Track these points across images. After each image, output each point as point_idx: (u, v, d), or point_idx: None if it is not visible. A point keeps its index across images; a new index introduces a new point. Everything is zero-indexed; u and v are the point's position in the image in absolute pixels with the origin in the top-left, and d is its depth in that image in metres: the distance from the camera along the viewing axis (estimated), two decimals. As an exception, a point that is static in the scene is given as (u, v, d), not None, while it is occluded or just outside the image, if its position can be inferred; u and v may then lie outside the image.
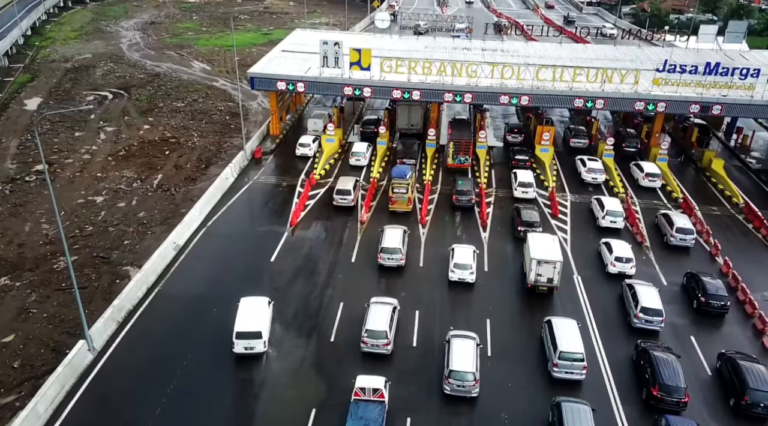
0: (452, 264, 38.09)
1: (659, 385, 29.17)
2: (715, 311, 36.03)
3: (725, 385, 31.02)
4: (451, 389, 29.70)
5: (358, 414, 27.16)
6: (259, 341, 31.74)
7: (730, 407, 30.08)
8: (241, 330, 31.71)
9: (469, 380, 29.45)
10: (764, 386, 29.28)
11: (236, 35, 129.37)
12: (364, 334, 31.93)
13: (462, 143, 52.56)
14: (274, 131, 58.57)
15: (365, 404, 27.65)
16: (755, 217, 45.63)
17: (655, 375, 29.58)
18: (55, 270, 47.18)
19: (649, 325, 34.28)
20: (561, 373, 30.74)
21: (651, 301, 34.41)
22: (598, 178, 51.53)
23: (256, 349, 31.80)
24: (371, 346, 31.89)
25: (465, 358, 30.05)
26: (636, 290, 35.35)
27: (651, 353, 30.82)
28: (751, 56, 61.98)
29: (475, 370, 29.71)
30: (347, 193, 45.94)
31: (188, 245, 42.30)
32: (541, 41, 71.34)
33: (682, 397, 29.06)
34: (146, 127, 75.78)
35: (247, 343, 31.73)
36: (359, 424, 26.68)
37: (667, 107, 50.11)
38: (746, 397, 29.13)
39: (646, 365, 30.63)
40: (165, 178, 62.29)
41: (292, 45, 61.85)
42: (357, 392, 28.18)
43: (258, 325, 31.96)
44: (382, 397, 28.07)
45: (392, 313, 33.13)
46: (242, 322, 32.02)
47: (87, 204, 56.74)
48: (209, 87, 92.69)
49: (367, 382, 28.34)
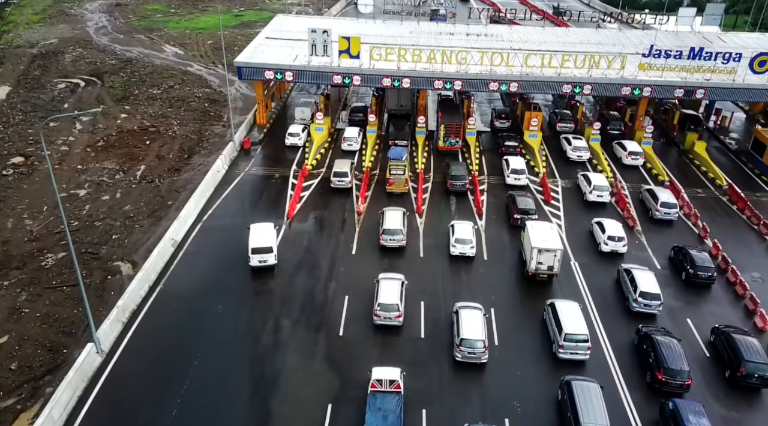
0: (453, 239, 40.04)
1: (664, 370, 30.23)
2: (702, 282, 38.00)
3: (719, 359, 32.55)
4: (462, 356, 31.48)
5: (376, 405, 27.73)
6: (270, 255, 38.01)
7: (725, 379, 31.60)
8: (256, 246, 37.84)
9: (479, 347, 31.24)
10: (758, 358, 30.91)
11: (206, 17, 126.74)
12: (377, 307, 33.48)
13: (453, 126, 53.68)
14: (261, 120, 57.88)
15: (382, 395, 28.26)
16: (738, 199, 47.07)
17: (659, 359, 30.62)
18: (44, 267, 46.19)
19: (647, 309, 35.49)
20: (566, 354, 31.85)
21: (649, 286, 35.66)
22: (582, 156, 53.21)
23: (269, 262, 38.05)
24: (384, 318, 33.58)
25: (474, 326, 31.89)
26: (634, 275, 36.51)
27: (654, 338, 31.84)
28: (728, 38, 63.27)
29: (484, 337, 31.40)
30: (344, 175, 47.20)
31: (186, 241, 41.86)
32: (524, 25, 71.40)
33: (686, 380, 30.16)
34: (123, 115, 73.99)
35: (261, 257, 37.90)
36: (378, 415, 27.27)
37: (653, 92, 51.08)
38: (741, 368, 30.66)
39: (649, 350, 31.66)
40: (148, 169, 61.16)
41: (276, 32, 60.87)
42: (374, 384, 28.80)
43: (269, 242, 38.23)
44: (398, 387, 28.74)
45: (401, 287, 34.80)
46: (255, 241, 38.12)
47: (70, 198, 55.44)
48: (184, 72, 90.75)
49: (383, 374, 29.05)
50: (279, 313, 35.22)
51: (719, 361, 32.56)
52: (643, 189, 48.03)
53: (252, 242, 38.14)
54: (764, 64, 48.88)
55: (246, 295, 36.71)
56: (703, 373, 32.18)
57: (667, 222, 44.88)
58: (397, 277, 36.04)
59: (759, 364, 30.65)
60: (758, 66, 49.02)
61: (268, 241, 38.34)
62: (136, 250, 48.19)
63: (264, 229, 39.42)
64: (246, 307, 35.66)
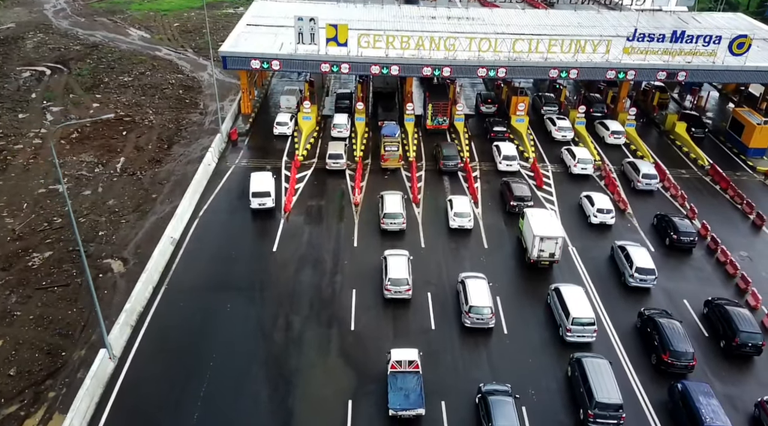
0: (452, 213, 42.11)
1: (670, 352, 31.41)
2: (685, 246, 41.00)
3: (713, 330, 34.55)
4: (471, 322, 33.60)
5: (397, 385, 28.88)
6: (268, 198, 42.97)
7: (720, 349, 33.46)
8: (256, 190, 42.86)
9: (486, 313, 33.38)
10: (751, 328, 32.92)
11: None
12: (387, 282, 35.13)
13: (440, 105, 55.13)
14: (246, 109, 56.90)
15: (403, 375, 29.36)
16: (721, 179, 48.65)
17: (665, 342, 31.80)
18: (31, 268, 45.17)
19: (643, 284, 37.28)
20: (574, 337, 32.97)
21: (644, 262, 37.40)
22: (567, 136, 54.94)
23: (267, 204, 42.95)
24: (394, 292, 35.25)
25: (481, 294, 33.99)
26: (629, 252, 38.17)
27: (657, 321, 33.05)
28: (702, 19, 64.66)
29: (490, 304, 33.57)
30: (339, 157, 48.50)
31: (184, 238, 41.22)
32: (504, 7, 71.50)
33: (691, 361, 31.44)
34: (95, 105, 71.90)
35: (260, 200, 42.78)
36: (400, 394, 28.52)
37: (636, 75, 52.05)
38: (737, 339, 32.58)
39: (653, 333, 32.82)
40: (128, 161, 59.85)
41: (256, 18, 59.58)
42: (393, 365, 29.85)
43: (267, 187, 43.28)
44: (417, 367, 29.81)
45: (408, 262, 36.56)
46: (255, 186, 43.21)
47: (50, 194, 54.02)
48: (153, 57, 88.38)
49: (402, 355, 30.13)
50: (288, 309, 35.15)
51: (711, 331, 34.58)
52: (625, 162, 50.43)
53: (252, 187, 43.10)
54: (742, 46, 50.22)
55: (252, 292, 36.46)
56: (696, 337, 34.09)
57: (648, 192, 47.58)
58: (402, 253, 37.54)
59: (752, 334, 32.66)
60: (737, 48, 50.35)
61: (267, 187, 43.26)
62: (125, 246, 47.40)
63: (263, 176, 44.41)
64: (254, 305, 35.48)
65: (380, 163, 49.29)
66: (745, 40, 50.11)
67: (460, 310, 34.57)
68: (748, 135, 52.12)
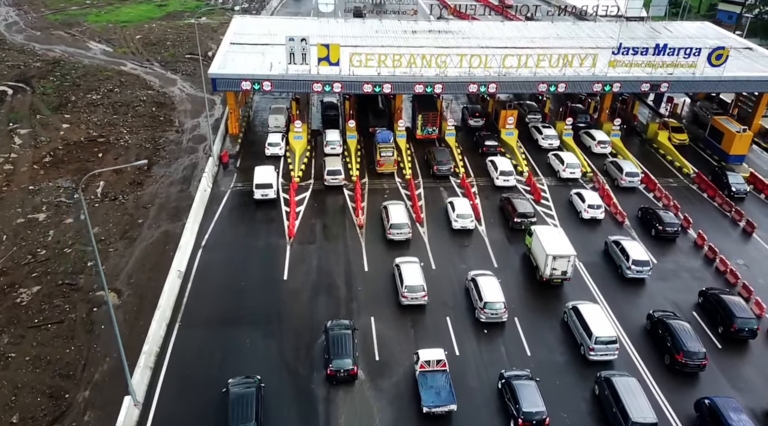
0: (455, 215, 43.99)
1: (683, 352, 32.97)
2: (670, 236, 43.90)
3: (709, 317, 37.11)
4: (486, 317, 35.57)
5: (428, 384, 30.37)
6: (270, 190, 46.33)
7: (719, 334, 35.91)
8: (259, 182, 46.39)
9: (500, 308, 35.46)
10: (746, 314, 35.74)
11: (128, 9, 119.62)
12: (404, 289, 36.31)
13: (429, 116, 56.25)
14: (233, 130, 55.68)
15: (432, 374, 30.86)
16: (708, 187, 50.31)
17: (677, 343, 33.43)
18: (20, 305, 43.25)
19: (639, 275, 39.72)
20: (597, 355, 33.52)
21: (639, 254, 40.02)
22: (553, 144, 56.67)
23: (269, 195, 46.34)
24: (411, 299, 36.42)
25: (493, 291, 36.09)
26: (623, 246, 40.70)
27: (668, 323, 34.76)
28: (673, 28, 66.77)
29: (503, 299, 35.61)
30: (338, 173, 48.92)
31: (191, 271, 40.02)
32: (483, 20, 72.20)
33: (703, 360, 32.98)
34: (65, 125, 69.32)
35: (263, 192, 46.18)
36: (431, 392, 29.98)
37: (622, 87, 53.34)
38: (734, 324, 35.15)
39: (665, 334, 34.41)
40: (108, 185, 57.93)
41: (239, 35, 58.40)
42: (422, 365, 31.26)
43: (270, 179, 46.73)
44: (444, 366, 31.28)
45: (421, 269, 37.85)
46: (259, 178, 46.78)
47: (30, 223, 51.81)
48: (120, 73, 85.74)
49: (430, 355, 31.59)
50: (309, 340, 34.52)
51: (708, 319, 37.19)
52: (608, 161, 53.34)
53: (256, 179, 46.58)
54: (720, 57, 52.07)
55: (269, 325, 35.67)
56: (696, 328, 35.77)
57: (631, 189, 50.52)
58: (413, 259, 39.01)
59: (747, 319, 35.45)
60: (715, 59, 52.18)
61: (269, 179, 46.63)
62: (117, 277, 45.86)
63: (266, 170, 47.85)
64: (274, 338, 34.71)
65: (376, 169, 51.23)
66: (723, 52, 51.99)
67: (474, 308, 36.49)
68: (728, 142, 54.09)
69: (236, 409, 28.35)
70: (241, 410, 28.25)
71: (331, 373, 31.32)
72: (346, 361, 31.33)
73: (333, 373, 31.31)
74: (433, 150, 52.77)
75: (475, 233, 44.36)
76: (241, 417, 27.98)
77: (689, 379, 33.10)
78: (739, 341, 35.58)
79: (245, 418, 27.93)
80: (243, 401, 28.65)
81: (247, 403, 28.58)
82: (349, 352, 31.60)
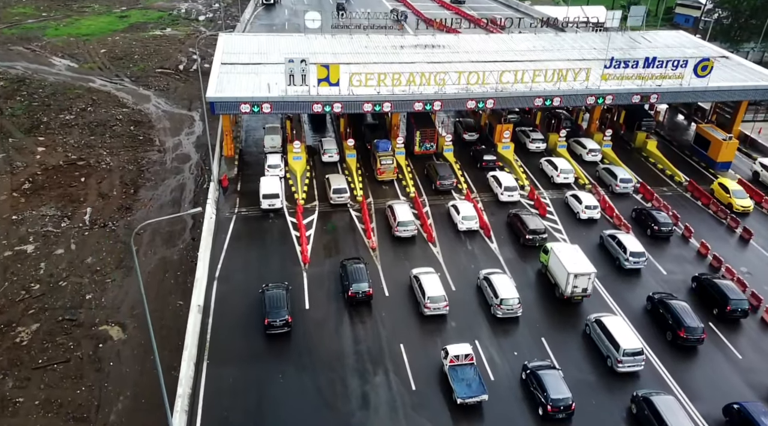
0: (460, 217, 45.93)
1: (685, 329, 36.25)
2: (664, 235, 46.58)
3: (703, 301, 40.11)
4: (502, 313, 37.68)
5: (459, 377, 32.48)
6: (277, 200, 47.59)
7: (714, 315, 39.00)
8: (266, 193, 47.54)
9: (515, 304, 37.69)
10: (739, 296, 39.00)
11: (88, 21, 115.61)
12: (427, 301, 37.45)
13: (427, 132, 56.79)
14: (229, 152, 54.47)
15: (461, 368, 32.99)
16: (701, 194, 51.94)
17: (679, 321, 36.67)
18: (20, 345, 41.51)
19: (636, 265, 42.82)
20: (625, 367, 34.46)
21: (636, 247, 43.14)
22: (540, 147, 59.21)
23: (276, 205, 47.55)
24: (433, 309, 37.64)
25: (507, 288, 38.28)
26: (620, 239, 43.82)
27: (668, 303, 37.93)
28: (650, 37, 68.68)
29: (517, 295, 37.79)
30: (344, 192, 49.46)
31: (209, 305, 38.91)
32: (467, 33, 72.65)
33: (701, 335, 36.42)
34: (41, 149, 66.64)
35: (270, 201, 47.39)
36: (463, 384, 32.10)
37: (614, 99, 54.55)
38: (729, 306, 38.34)
39: (666, 314, 37.57)
40: (95, 212, 56.04)
41: (228, 55, 57.10)
42: (452, 360, 33.18)
43: (276, 190, 47.85)
44: (471, 360, 33.38)
45: (439, 279, 39.35)
46: (265, 189, 47.88)
47: (18, 256, 49.67)
48: (90, 90, 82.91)
49: (458, 350, 33.48)
50: (342, 373, 34.05)
51: (702, 302, 40.22)
52: (600, 168, 55.29)
53: (263, 190, 47.75)
54: (706, 68, 53.84)
55: (299, 357, 35.01)
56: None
57: (625, 195, 52.71)
58: (429, 270, 40.52)
59: (740, 301, 38.68)
60: (701, 70, 53.91)
61: (275, 189, 47.88)
62: (118, 309, 44.45)
63: (271, 180, 49.11)
64: (306, 372, 34.04)
65: (376, 177, 52.59)
66: (708, 64, 53.74)
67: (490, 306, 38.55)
68: (715, 150, 55.97)
69: (271, 301, 36.45)
70: (275, 302, 36.39)
71: (352, 295, 38.01)
72: (363, 284, 38.37)
73: (353, 295, 38.01)
74: (433, 164, 53.31)
75: (489, 251, 44.63)
76: (276, 307, 36.09)
77: (689, 353, 36.56)
78: (733, 321, 38.95)
79: (279, 307, 36.02)
80: (276, 297, 36.76)
81: (279, 298, 36.70)
82: (364, 277, 38.73)
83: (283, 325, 36.05)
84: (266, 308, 36.38)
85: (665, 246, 46.41)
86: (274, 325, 35.96)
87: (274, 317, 35.86)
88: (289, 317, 36.14)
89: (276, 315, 35.94)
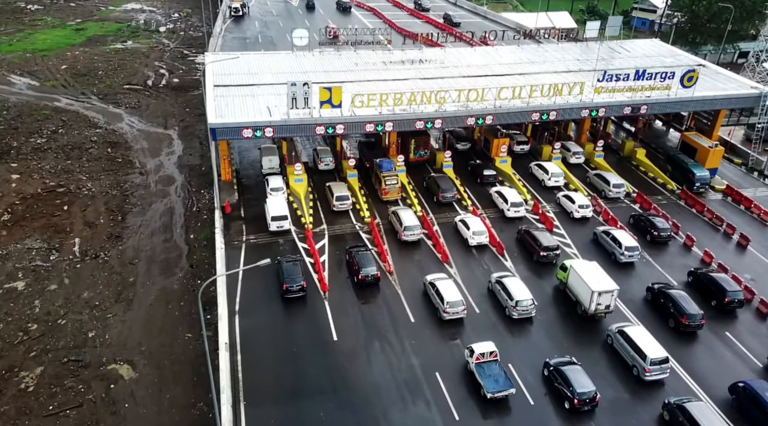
0: (471, 232, 46.85)
1: (686, 315, 38.78)
2: (663, 240, 48.38)
3: (701, 293, 42.35)
4: (518, 314, 39.41)
5: (486, 373, 34.11)
6: (285, 221, 47.58)
7: (712, 307, 41.33)
8: (275, 215, 47.36)
9: (530, 305, 39.43)
10: (736, 288, 41.57)
11: (43, 35, 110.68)
12: (446, 306, 38.80)
13: (422, 139, 58.16)
14: (227, 177, 53.06)
15: (487, 364, 34.65)
16: (695, 202, 53.60)
17: (680, 308, 39.22)
18: (26, 391, 39.75)
19: (631, 259, 45.44)
20: (653, 376, 35.41)
21: (630, 242, 45.67)
22: (525, 148, 61.85)
23: (285, 227, 47.61)
24: (452, 313, 39.03)
25: (521, 289, 39.94)
26: (615, 235, 46.28)
27: (668, 292, 40.48)
28: (629, 46, 70.55)
29: (531, 296, 39.57)
30: (346, 199, 50.66)
31: (234, 342, 37.69)
32: (453, 46, 72.96)
33: (701, 321, 39.00)
34: (15, 176, 63.63)
35: (279, 223, 47.39)
36: (491, 380, 33.77)
37: (606, 112, 55.75)
38: (727, 298, 40.80)
39: (667, 302, 40.06)
40: (84, 242, 53.97)
41: (219, 77, 55.52)
42: (478, 357, 34.75)
43: (284, 211, 47.87)
44: (496, 357, 35.04)
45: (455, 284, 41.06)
46: (273, 210, 47.66)
47: (9, 294, 47.51)
48: (57, 110, 79.67)
49: (483, 348, 35.15)
50: (383, 407, 33.53)
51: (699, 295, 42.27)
52: (591, 174, 57.44)
53: (271, 212, 47.48)
54: (691, 79, 55.62)
55: (337, 393, 34.35)
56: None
57: (616, 199, 54.64)
58: (444, 275, 41.95)
59: (737, 292, 41.22)
60: (687, 81, 55.65)
61: (284, 211, 47.82)
62: (125, 346, 43.00)
63: (278, 201, 48.90)
64: (346, 408, 33.41)
65: (380, 197, 52.70)
66: (693, 74, 55.51)
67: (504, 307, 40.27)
68: (702, 157, 57.79)
69: (288, 271, 40.88)
70: (291, 272, 40.84)
71: (362, 278, 41.41)
72: (371, 268, 41.79)
73: (363, 278, 41.41)
74: (434, 177, 53.89)
75: (504, 269, 44.78)
76: (291, 275, 40.53)
77: (690, 338, 39.22)
78: (730, 311, 41.48)
79: (295, 274, 40.62)
80: (292, 267, 41.16)
81: (295, 268, 41.15)
82: (371, 262, 42.28)
83: (299, 289, 40.38)
84: (284, 276, 40.59)
85: (665, 250, 48.26)
86: (291, 290, 40.36)
87: (291, 283, 40.23)
88: (304, 283, 40.57)
89: (292, 281, 40.33)
